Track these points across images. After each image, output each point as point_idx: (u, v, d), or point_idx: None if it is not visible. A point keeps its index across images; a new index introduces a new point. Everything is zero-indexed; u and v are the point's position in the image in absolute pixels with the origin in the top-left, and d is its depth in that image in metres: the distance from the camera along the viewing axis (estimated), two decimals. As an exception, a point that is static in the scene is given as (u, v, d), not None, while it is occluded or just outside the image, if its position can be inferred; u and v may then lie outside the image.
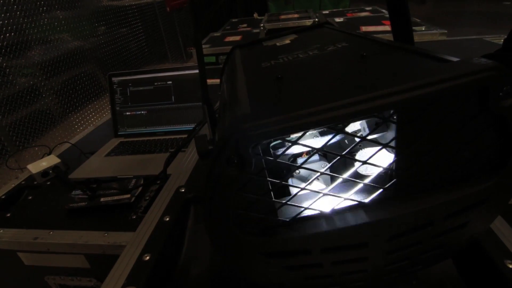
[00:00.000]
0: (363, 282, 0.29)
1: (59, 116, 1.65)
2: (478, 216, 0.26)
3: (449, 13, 5.19)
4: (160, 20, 2.98)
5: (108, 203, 0.68)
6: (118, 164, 0.85)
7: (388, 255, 0.26)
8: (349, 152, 0.32)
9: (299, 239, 0.24)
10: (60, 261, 0.66)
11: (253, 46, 0.49)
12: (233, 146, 0.19)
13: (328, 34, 0.43)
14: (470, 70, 0.20)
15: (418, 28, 1.53)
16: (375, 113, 0.19)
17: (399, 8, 0.35)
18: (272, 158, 0.20)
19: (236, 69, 0.36)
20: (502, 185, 0.25)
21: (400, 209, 0.23)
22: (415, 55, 0.27)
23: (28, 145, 1.42)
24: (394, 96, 0.19)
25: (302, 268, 0.26)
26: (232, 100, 0.27)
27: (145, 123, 1.00)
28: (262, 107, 0.22)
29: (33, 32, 1.54)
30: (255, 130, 0.18)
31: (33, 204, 0.73)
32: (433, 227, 0.25)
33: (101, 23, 2.10)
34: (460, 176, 0.24)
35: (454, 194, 0.24)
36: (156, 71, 0.99)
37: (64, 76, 1.72)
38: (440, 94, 0.19)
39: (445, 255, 0.30)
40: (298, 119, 0.18)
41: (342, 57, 0.31)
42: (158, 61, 2.89)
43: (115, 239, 0.59)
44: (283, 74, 0.29)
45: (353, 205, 0.25)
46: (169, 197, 0.46)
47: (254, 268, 0.26)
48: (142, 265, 0.35)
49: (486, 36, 1.37)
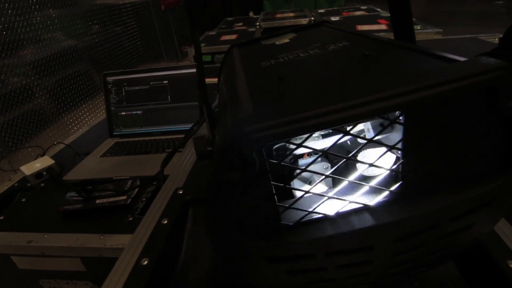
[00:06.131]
0: (367, 285, 0.28)
1: (53, 116, 1.62)
2: (484, 217, 0.26)
3: (443, 12, 5.23)
4: (155, 18, 2.95)
5: (104, 205, 0.66)
6: (113, 165, 0.84)
7: (393, 258, 0.25)
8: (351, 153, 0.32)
9: (303, 243, 0.23)
10: (55, 264, 0.65)
11: (252, 45, 0.48)
12: (236, 150, 0.18)
13: (328, 32, 0.43)
14: (479, 70, 0.19)
15: (414, 27, 1.54)
16: (383, 114, 0.18)
17: (400, 5, 0.34)
18: (276, 161, 0.20)
19: (236, 68, 0.35)
20: (508, 186, 0.25)
21: (406, 212, 0.23)
22: (419, 54, 0.26)
23: (21, 146, 1.39)
24: (402, 97, 0.18)
25: (305, 273, 0.25)
26: (233, 100, 0.26)
27: (141, 123, 0.98)
28: (265, 108, 0.21)
29: (25, 31, 1.51)
30: (259, 132, 0.17)
31: (26, 207, 0.72)
32: (439, 229, 0.24)
33: (95, 22, 2.07)
34: (467, 178, 0.24)
35: (460, 196, 0.24)
36: (152, 70, 0.98)
37: (57, 76, 1.70)
38: (448, 95, 0.19)
39: (449, 257, 0.30)
40: (304, 121, 0.17)
41: (345, 56, 0.30)
42: (153, 60, 2.87)
43: (111, 241, 0.58)
44: (284, 74, 0.28)
45: (358, 208, 0.24)
46: (167, 199, 0.45)
47: (257, 272, 0.25)
48: (140, 270, 0.35)
49: (481, 35, 1.38)
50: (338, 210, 0.24)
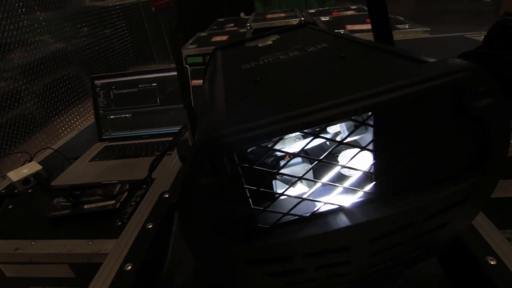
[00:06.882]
0: (347, 285, 0.29)
1: (42, 121, 1.60)
2: (459, 215, 0.26)
3: (432, 11, 5.29)
4: (146, 20, 2.93)
5: (92, 210, 0.66)
6: (102, 169, 0.83)
7: (370, 258, 0.26)
8: (332, 154, 0.32)
9: (280, 245, 0.23)
10: (43, 271, 0.64)
11: (236, 47, 0.48)
12: (206, 155, 0.18)
13: (310, 34, 0.43)
14: (445, 71, 0.19)
15: (402, 26, 1.55)
16: (350, 116, 0.18)
17: (378, 9, 0.35)
18: (248, 165, 0.20)
19: (216, 72, 0.35)
20: (481, 184, 0.25)
21: (379, 212, 0.23)
22: (392, 55, 0.26)
23: (9, 151, 1.37)
24: (369, 99, 0.18)
25: (285, 274, 0.26)
26: (209, 104, 0.26)
27: (130, 126, 0.98)
28: (238, 112, 0.21)
29: (12, 34, 1.49)
30: (228, 137, 0.17)
31: (13, 213, 0.71)
32: (414, 228, 0.25)
33: (84, 24, 2.05)
34: (440, 177, 0.24)
35: (434, 195, 0.24)
36: (140, 73, 0.97)
37: (46, 79, 1.68)
38: (415, 96, 0.19)
39: (428, 255, 0.30)
40: (270, 126, 0.17)
41: (322, 58, 0.30)
42: (144, 62, 2.85)
43: (99, 247, 0.58)
44: (262, 77, 0.28)
45: (334, 208, 0.24)
46: (153, 203, 0.45)
47: (235, 276, 0.25)
48: (124, 275, 0.34)
49: (467, 33, 1.40)
50: (315, 211, 0.24)
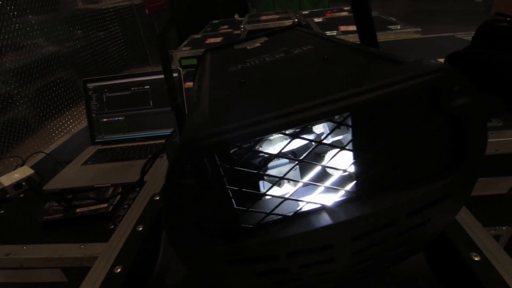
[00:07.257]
0: (333, 283, 0.29)
1: (35, 125, 1.59)
2: (440, 211, 0.27)
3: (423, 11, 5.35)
4: (140, 23, 2.93)
5: (84, 214, 0.65)
6: (95, 172, 0.83)
7: (354, 256, 0.26)
8: (318, 154, 0.32)
9: (264, 244, 0.23)
10: (35, 276, 0.64)
11: (224, 50, 0.48)
12: (187, 156, 0.19)
13: (297, 36, 0.44)
14: (419, 72, 0.20)
15: (394, 27, 1.57)
16: (327, 117, 0.19)
17: (362, 11, 0.36)
18: (228, 166, 0.20)
19: (203, 74, 0.36)
20: (460, 181, 0.26)
21: (360, 210, 0.23)
22: (373, 57, 0.27)
23: (1, 156, 1.36)
24: (345, 100, 0.19)
25: (270, 274, 0.26)
26: (194, 107, 0.26)
27: (123, 129, 0.98)
28: (220, 115, 0.22)
29: (4, 38, 1.48)
30: (207, 139, 0.18)
31: (5, 218, 0.70)
32: (395, 226, 0.25)
33: (77, 27, 2.04)
34: (419, 175, 0.25)
35: (414, 193, 0.24)
36: (133, 75, 0.97)
37: (39, 83, 1.67)
38: (390, 96, 0.20)
39: (412, 251, 0.30)
40: (249, 128, 0.17)
41: (305, 60, 0.31)
42: (139, 64, 2.84)
43: (91, 250, 0.58)
44: (247, 79, 0.29)
45: (317, 208, 0.25)
46: (143, 206, 0.45)
47: (221, 276, 0.25)
48: (113, 277, 0.34)
49: (458, 33, 1.42)
50: (297, 211, 0.24)
